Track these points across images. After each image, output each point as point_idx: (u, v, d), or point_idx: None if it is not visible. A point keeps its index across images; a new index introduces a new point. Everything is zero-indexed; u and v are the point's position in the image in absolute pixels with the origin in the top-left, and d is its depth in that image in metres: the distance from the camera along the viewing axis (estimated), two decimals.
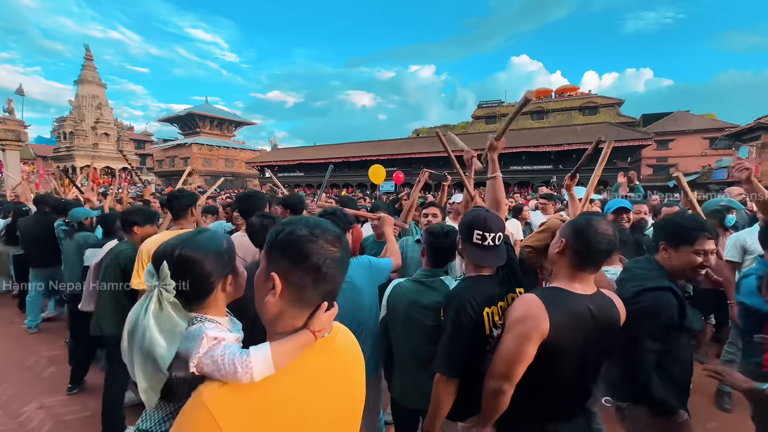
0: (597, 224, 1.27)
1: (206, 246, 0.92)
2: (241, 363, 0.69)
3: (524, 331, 1.21)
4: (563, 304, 1.23)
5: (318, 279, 0.75)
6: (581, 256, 1.28)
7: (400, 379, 1.76)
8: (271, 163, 38.75)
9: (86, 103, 30.11)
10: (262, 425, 0.68)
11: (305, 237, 0.74)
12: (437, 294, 1.63)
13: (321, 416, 0.77)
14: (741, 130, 23.04)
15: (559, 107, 36.78)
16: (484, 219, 1.46)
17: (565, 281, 1.30)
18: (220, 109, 53.19)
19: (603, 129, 26.22)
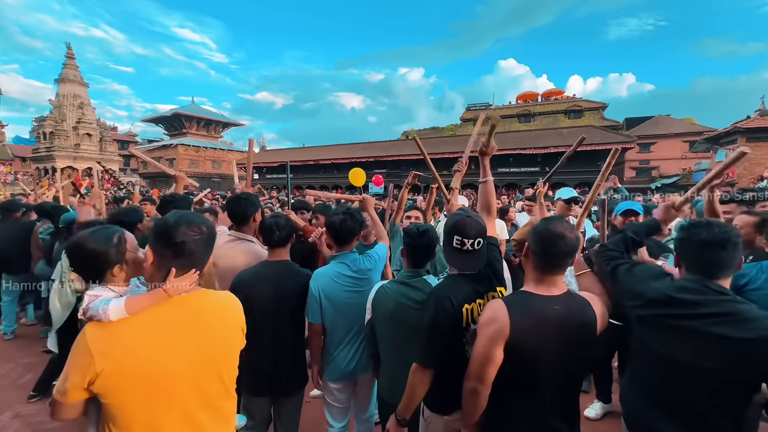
0: (555, 228, 1.30)
1: (97, 241, 1.24)
2: (103, 309, 1.04)
3: (489, 334, 1.27)
4: (526, 307, 1.29)
5: (176, 254, 1.08)
6: (542, 259, 1.33)
7: (388, 379, 1.79)
8: (260, 165, 38.39)
9: (67, 102, 29.31)
10: (117, 349, 1.02)
11: (169, 224, 1.09)
12: (421, 294, 1.66)
13: (171, 352, 1.06)
14: (719, 134, 23.82)
15: (546, 110, 37.43)
16: (464, 225, 1.49)
17: (532, 285, 1.36)
18: (208, 110, 52.55)
19: (588, 132, 26.74)
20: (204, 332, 1.13)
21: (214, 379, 1.15)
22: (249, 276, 1.97)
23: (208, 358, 1.13)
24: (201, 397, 1.11)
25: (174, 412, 1.06)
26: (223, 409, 1.18)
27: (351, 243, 2.05)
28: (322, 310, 1.96)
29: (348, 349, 2.01)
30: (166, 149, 44.31)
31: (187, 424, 1.08)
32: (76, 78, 29.84)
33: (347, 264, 2.01)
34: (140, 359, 1.02)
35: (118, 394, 1.01)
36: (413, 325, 1.63)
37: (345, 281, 1.98)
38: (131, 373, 1.01)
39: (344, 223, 2.00)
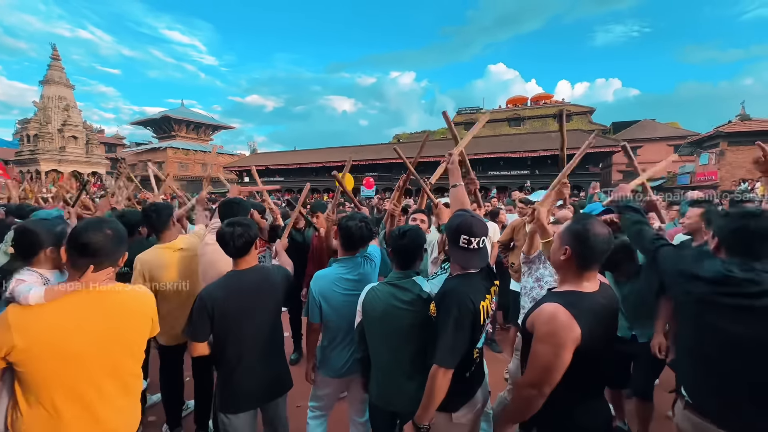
0: (593, 227, 1.36)
1: (36, 229, 1.65)
2: (24, 296, 1.25)
3: (559, 341, 1.26)
4: (585, 308, 1.31)
5: (82, 254, 1.29)
6: (585, 258, 1.37)
7: (378, 381, 1.78)
8: (250, 168, 38.08)
9: (52, 104, 28.72)
10: (35, 327, 1.23)
11: (75, 230, 1.32)
12: (410, 294, 1.67)
13: (84, 333, 1.28)
14: (702, 137, 24.46)
15: (535, 114, 37.99)
16: (470, 225, 1.52)
17: (575, 283, 1.39)
18: (197, 113, 51.98)
19: (576, 136, 27.25)
20: (115, 318, 1.35)
21: (124, 357, 1.39)
22: (218, 289, 1.80)
23: (118, 339, 1.36)
24: (112, 371, 1.35)
25: (88, 382, 1.30)
26: (131, 384, 1.43)
27: (358, 249, 2.08)
28: (322, 312, 1.98)
29: (344, 350, 2.03)
30: (154, 152, 43.67)
31: (99, 393, 1.32)
32: (61, 79, 29.28)
33: (348, 268, 2.04)
34: (56, 337, 1.24)
35: (34, 366, 1.22)
36: (403, 327, 1.65)
37: (343, 285, 2.00)
38: (48, 348, 1.23)
39: (360, 230, 2.03)
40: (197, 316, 1.76)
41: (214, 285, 1.84)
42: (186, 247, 2.40)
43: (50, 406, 1.24)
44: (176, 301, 2.34)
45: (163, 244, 2.38)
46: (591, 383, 1.39)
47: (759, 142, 2.05)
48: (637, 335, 2.38)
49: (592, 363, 1.33)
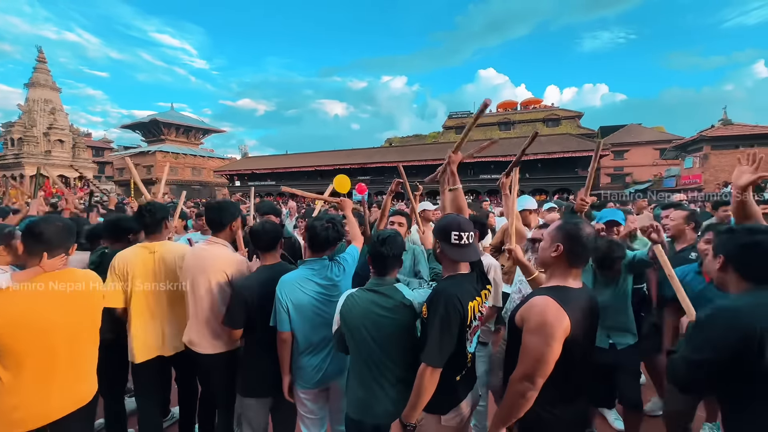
0: (584, 228, 1.45)
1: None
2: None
3: (551, 332, 1.29)
4: (573, 301, 1.37)
5: (37, 242, 1.58)
6: (577, 255, 1.44)
7: (354, 391, 1.73)
8: (241, 172, 37.80)
9: (38, 107, 28.20)
10: (7, 309, 1.46)
11: (30, 223, 1.61)
12: (392, 301, 1.64)
13: (50, 309, 1.54)
14: (686, 142, 25.08)
15: (525, 119, 38.50)
16: (458, 222, 1.60)
17: (561, 279, 1.46)
18: (187, 116, 51.47)
19: (565, 140, 27.70)
20: (73, 295, 1.63)
21: (84, 328, 1.68)
22: (251, 281, 2.07)
23: (77, 312, 1.64)
24: (74, 340, 1.62)
25: (54, 351, 1.54)
26: (89, 351, 1.72)
27: (325, 251, 2.02)
28: (290, 317, 1.91)
29: (316, 357, 1.96)
30: (143, 156, 43.08)
31: (64, 360, 1.58)
32: (47, 82, 28.78)
33: (315, 270, 1.97)
34: (27, 313, 1.49)
35: (8, 339, 1.44)
36: (384, 334, 1.62)
37: (312, 288, 1.94)
38: (21, 324, 1.47)
39: (325, 231, 1.97)
40: (234, 304, 2.00)
41: (248, 277, 2.10)
42: (161, 251, 2.28)
43: (16, 371, 1.47)
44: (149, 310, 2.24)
45: (144, 243, 2.34)
46: (575, 381, 1.42)
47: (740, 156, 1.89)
48: (616, 343, 2.35)
49: (578, 358, 1.36)
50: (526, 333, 1.35)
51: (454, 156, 2.02)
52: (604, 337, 2.36)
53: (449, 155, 2.04)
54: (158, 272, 2.26)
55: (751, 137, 22.20)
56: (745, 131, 22.57)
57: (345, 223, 2.70)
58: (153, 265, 2.24)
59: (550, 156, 25.96)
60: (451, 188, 1.97)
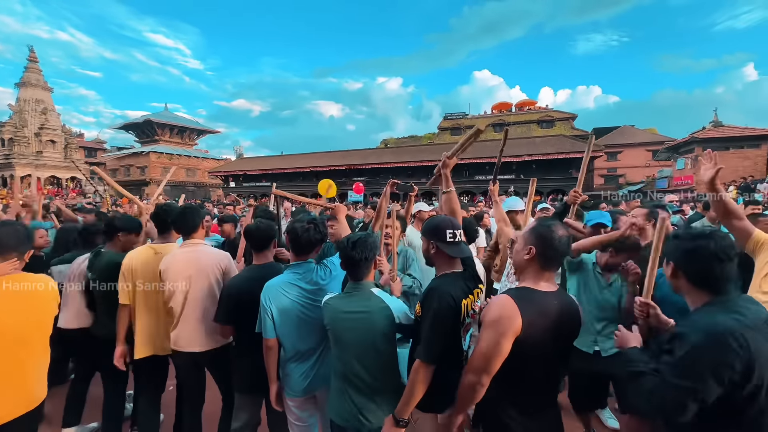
0: (557, 230, 1.42)
1: None
2: None
3: (501, 329, 1.30)
4: (533, 302, 1.36)
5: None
6: (548, 258, 1.42)
7: (333, 397, 1.75)
8: (236, 173, 37.60)
9: (29, 107, 27.86)
10: None
11: None
12: (365, 306, 1.66)
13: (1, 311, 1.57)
14: (678, 143, 25.38)
15: (519, 120, 38.73)
16: (450, 221, 1.66)
17: (532, 281, 1.44)
18: (182, 117, 51.16)
19: (559, 141, 27.92)
20: (25, 298, 1.64)
21: (34, 330, 1.69)
22: (239, 279, 2.14)
23: (28, 315, 1.66)
24: (25, 340, 1.64)
25: (5, 350, 1.57)
26: (38, 355, 1.72)
27: (309, 253, 1.98)
28: (275, 324, 1.87)
29: (303, 364, 1.92)
30: (137, 157, 42.74)
31: (14, 358, 1.60)
32: (38, 82, 28.46)
33: (300, 274, 1.93)
34: None
35: None
36: (358, 340, 1.63)
37: (296, 292, 1.90)
38: None
39: (306, 232, 1.92)
40: (222, 300, 2.09)
41: (238, 275, 2.18)
42: (163, 253, 2.33)
43: None
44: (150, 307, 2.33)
45: (152, 244, 2.48)
46: (535, 386, 1.40)
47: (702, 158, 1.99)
48: (601, 350, 2.30)
49: (534, 360, 1.35)
50: (482, 327, 1.38)
51: (448, 160, 2.07)
52: (589, 342, 2.33)
53: (443, 159, 2.08)
54: (153, 272, 2.29)
55: (741, 139, 22.54)
56: (735, 133, 22.90)
57: (333, 225, 2.72)
58: (155, 266, 2.28)
59: (544, 157, 26.13)
60: (444, 191, 2.02)
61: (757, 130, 22.68)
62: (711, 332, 1.10)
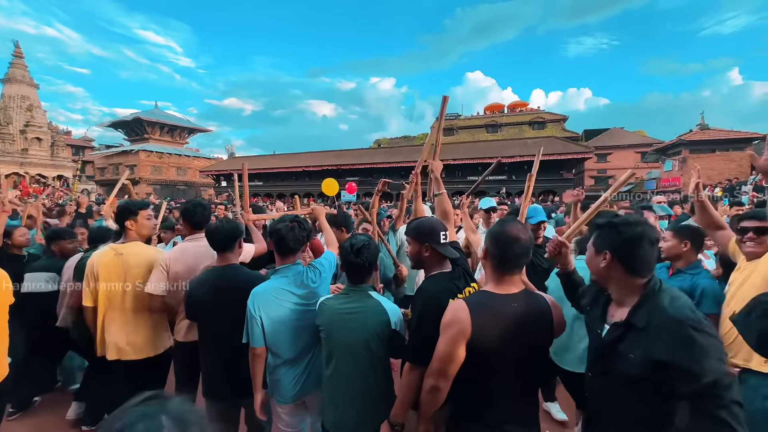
0: (510, 230, 1.37)
1: None
2: None
3: (451, 334, 1.31)
4: (487, 307, 1.33)
5: None
6: (500, 260, 1.38)
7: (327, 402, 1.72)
8: (228, 172, 37.24)
9: (14, 104, 27.20)
10: None
11: None
12: (362, 308, 1.66)
13: None
14: (666, 145, 25.86)
15: (511, 121, 39.03)
16: (438, 222, 1.70)
17: (492, 284, 1.41)
18: (172, 115, 50.43)
19: (551, 142, 28.20)
20: None
21: None
22: (195, 283, 2.03)
23: None
24: None
25: None
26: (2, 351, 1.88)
27: (296, 254, 1.91)
28: (265, 331, 1.79)
29: (294, 370, 1.86)
30: (126, 155, 42.02)
31: None
32: (24, 78, 27.81)
33: (288, 278, 1.86)
34: None
35: None
36: (353, 341, 1.62)
37: (289, 299, 1.83)
38: None
39: (291, 231, 1.85)
40: (185, 298, 2.04)
41: (196, 277, 2.07)
42: (125, 252, 2.29)
43: None
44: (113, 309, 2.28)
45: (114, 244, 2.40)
46: (503, 392, 1.35)
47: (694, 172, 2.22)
48: None
49: (495, 366, 1.32)
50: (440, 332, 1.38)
51: (435, 164, 2.14)
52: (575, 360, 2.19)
53: (430, 163, 2.16)
54: (116, 273, 2.25)
55: (727, 141, 23.04)
56: (721, 136, 23.40)
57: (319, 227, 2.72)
58: (114, 266, 2.25)
59: (534, 158, 26.38)
60: (436, 193, 2.07)
61: (742, 134, 23.22)
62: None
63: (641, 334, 1.12)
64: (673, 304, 1.12)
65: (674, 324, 1.07)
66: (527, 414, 1.41)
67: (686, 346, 1.03)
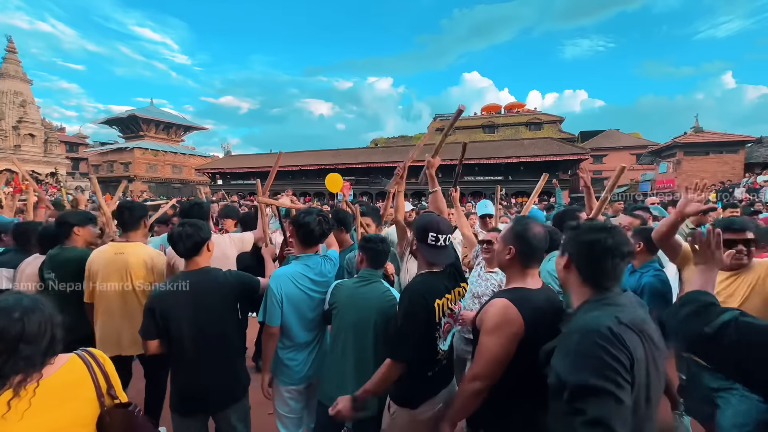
0: (533, 227, 1.45)
1: None
2: None
3: (505, 333, 1.30)
4: (530, 302, 1.36)
5: None
6: (527, 256, 1.44)
7: (329, 376, 1.86)
8: (224, 170, 37.06)
9: (7, 99, 26.90)
10: None
11: None
12: (377, 290, 1.81)
13: None
14: (660, 147, 26.08)
15: (508, 122, 39.17)
16: (437, 222, 1.65)
17: (520, 280, 1.45)
18: (168, 113, 50.01)
19: (547, 143, 28.35)
20: None
21: None
22: (161, 289, 1.84)
23: None
24: None
25: None
26: None
27: (317, 246, 2.05)
28: (283, 312, 1.89)
29: (302, 353, 1.97)
30: (121, 152, 41.66)
31: None
32: (17, 74, 27.51)
33: (310, 266, 1.98)
34: None
35: None
36: (366, 322, 1.75)
37: (306, 283, 1.95)
38: None
39: (319, 225, 1.98)
40: (145, 314, 1.82)
41: (160, 285, 1.90)
42: (126, 252, 2.33)
43: None
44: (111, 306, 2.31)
45: (114, 243, 2.46)
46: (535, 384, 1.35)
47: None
48: None
49: (530, 358, 1.31)
50: (482, 334, 1.37)
51: (433, 160, 2.18)
52: None
53: (427, 160, 2.19)
54: (115, 272, 2.28)
55: (721, 144, 23.25)
56: (715, 138, 23.62)
57: None
58: (113, 265, 2.28)
59: (532, 159, 26.49)
60: (430, 191, 2.11)
61: (735, 136, 23.45)
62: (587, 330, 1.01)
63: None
64: (598, 316, 1.03)
65: (575, 331, 1.03)
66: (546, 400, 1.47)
67: (567, 353, 1.01)
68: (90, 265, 2.31)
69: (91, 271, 2.29)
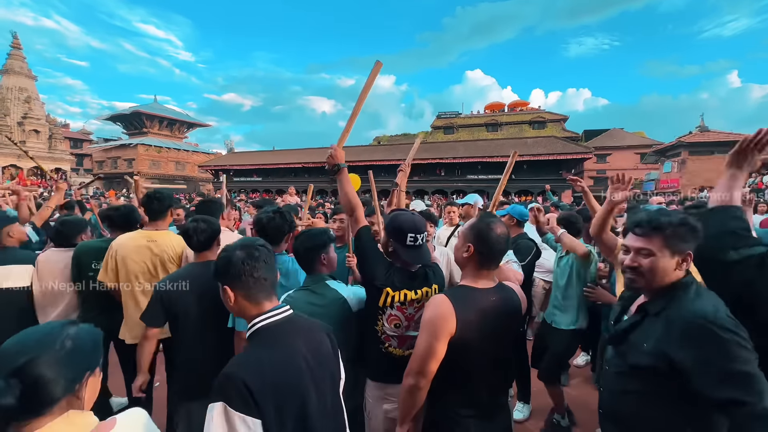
0: (495, 227, 1.39)
1: None
2: None
3: (434, 330, 1.29)
4: (470, 301, 1.33)
5: None
6: (485, 257, 1.39)
7: None
8: (226, 167, 37.15)
9: (12, 95, 26.99)
10: None
11: None
12: (325, 298, 1.66)
13: None
14: (665, 147, 25.89)
15: (512, 120, 38.97)
16: (413, 222, 1.59)
17: (470, 279, 1.41)
18: (171, 109, 50.11)
19: (551, 142, 28.21)
20: None
21: None
22: (170, 278, 1.92)
23: None
24: None
25: None
26: None
27: (279, 245, 1.96)
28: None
29: None
30: (124, 149, 41.80)
31: None
32: (22, 70, 27.58)
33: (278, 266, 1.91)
34: None
35: None
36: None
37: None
38: None
39: (272, 221, 1.92)
40: (153, 301, 1.87)
41: (170, 275, 1.96)
42: (159, 240, 2.39)
43: None
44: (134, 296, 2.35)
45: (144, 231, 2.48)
46: (483, 382, 1.37)
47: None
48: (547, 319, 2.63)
49: (476, 359, 1.33)
50: (420, 329, 1.36)
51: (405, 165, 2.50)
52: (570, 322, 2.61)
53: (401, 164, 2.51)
54: (146, 259, 2.34)
55: (726, 144, 23.04)
56: (720, 138, 23.42)
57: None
58: (144, 251, 2.33)
59: (535, 158, 26.38)
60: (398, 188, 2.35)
61: (741, 136, 22.93)
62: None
63: (656, 324, 1.12)
64: (696, 300, 1.10)
65: (692, 318, 1.05)
66: (503, 402, 1.48)
67: (706, 342, 1.00)
68: (119, 251, 2.32)
69: (121, 258, 2.31)
